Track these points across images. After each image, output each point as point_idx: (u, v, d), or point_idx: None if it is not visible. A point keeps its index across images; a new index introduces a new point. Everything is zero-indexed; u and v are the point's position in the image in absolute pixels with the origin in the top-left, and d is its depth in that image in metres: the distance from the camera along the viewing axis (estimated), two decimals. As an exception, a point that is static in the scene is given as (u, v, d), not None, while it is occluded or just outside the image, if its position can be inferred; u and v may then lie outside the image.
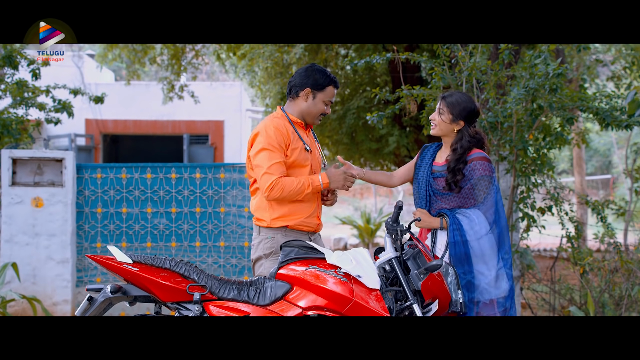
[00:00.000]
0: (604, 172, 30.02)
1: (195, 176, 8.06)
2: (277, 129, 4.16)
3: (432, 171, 4.47)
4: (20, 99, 8.36)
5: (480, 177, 4.35)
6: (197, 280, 3.75)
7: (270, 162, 4.08)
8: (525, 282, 7.42)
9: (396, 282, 3.87)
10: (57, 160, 7.85)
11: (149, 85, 17.85)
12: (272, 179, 4.06)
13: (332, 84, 4.26)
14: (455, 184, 4.35)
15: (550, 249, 13.95)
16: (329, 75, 4.26)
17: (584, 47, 6.29)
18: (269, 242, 4.20)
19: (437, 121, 4.43)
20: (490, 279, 4.30)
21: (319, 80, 4.24)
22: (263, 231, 4.23)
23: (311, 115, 4.29)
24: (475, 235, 4.30)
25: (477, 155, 4.39)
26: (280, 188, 4.06)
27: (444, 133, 4.45)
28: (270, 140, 4.11)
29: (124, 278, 3.73)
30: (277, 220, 4.20)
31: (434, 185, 4.44)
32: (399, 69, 6.81)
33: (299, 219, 4.21)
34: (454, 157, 4.38)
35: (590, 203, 6.76)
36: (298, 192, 4.11)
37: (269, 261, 4.18)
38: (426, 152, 4.60)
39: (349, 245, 17.69)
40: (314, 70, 4.27)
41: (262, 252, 4.21)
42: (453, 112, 4.38)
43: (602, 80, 15.43)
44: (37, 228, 7.74)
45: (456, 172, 4.35)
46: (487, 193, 4.36)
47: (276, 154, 4.10)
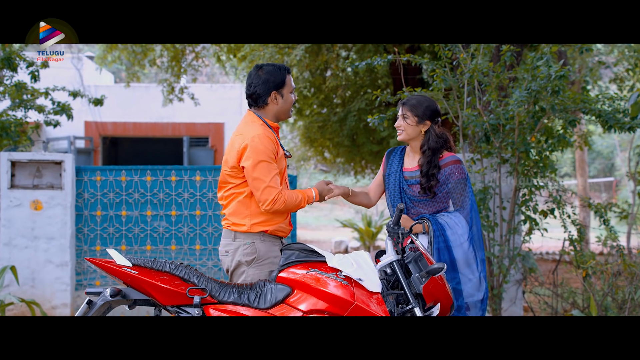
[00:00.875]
0: (606, 174, 30.02)
1: (195, 179, 8.06)
2: (268, 138, 4.14)
3: (404, 177, 4.49)
4: (19, 101, 8.37)
5: (457, 181, 4.40)
6: (197, 284, 3.75)
7: (271, 175, 4.08)
8: (528, 286, 7.42)
9: (397, 286, 3.87)
10: (56, 162, 7.85)
11: (148, 87, 17.88)
12: (275, 192, 4.07)
13: (287, 73, 4.28)
14: (430, 189, 4.37)
15: (552, 252, 13.94)
16: (279, 68, 4.27)
17: (586, 48, 6.28)
18: (248, 247, 4.15)
19: (403, 126, 4.45)
20: (475, 282, 4.36)
21: (277, 78, 4.24)
22: (240, 236, 4.18)
23: (286, 110, 4.33)
24: (459, 240, 4.33)
25: (451, 159, 4.42)
26: (283, 201, 4.09)
27: (411, 137, 4.46)
28: (267, 151, 4.10)
29: (123, 281, 3.73)
30: (257, 225, 4.17)
31: (409, 192, 4.45)
32: (400, 71, 6.81)
33: (278, 224, 4.21)
34: (425, 160, 4.40)
35: (593, 206, 6.76)
36: (296, 205, 4.19)
37: (251, 269, 4.14)
38: (393, 159, 4.61)
39: (350, 248, 17.69)
40: (268, 72, 4.24)
41: (242, 257, 4.15)
42: (417, 113, 4.41)
43: (604, 82, 15.44)
44: (36, 231, 7.74)
45: (430, 177, 4.38)
46: (465, 196, 4.41)
47: (273, 165, 4.11)
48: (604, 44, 12.94)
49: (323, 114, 13.18)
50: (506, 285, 6.75)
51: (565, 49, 9.10)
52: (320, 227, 23.74)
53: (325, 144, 14.46)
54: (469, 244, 4.35)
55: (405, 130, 4.45)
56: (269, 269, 4.10)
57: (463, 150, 6.59)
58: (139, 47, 13.07)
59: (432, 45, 9.79)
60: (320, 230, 23.06)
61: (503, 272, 6.43)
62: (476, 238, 4.43)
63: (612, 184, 26.26)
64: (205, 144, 17.57)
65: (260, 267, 4.13)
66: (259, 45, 10.79)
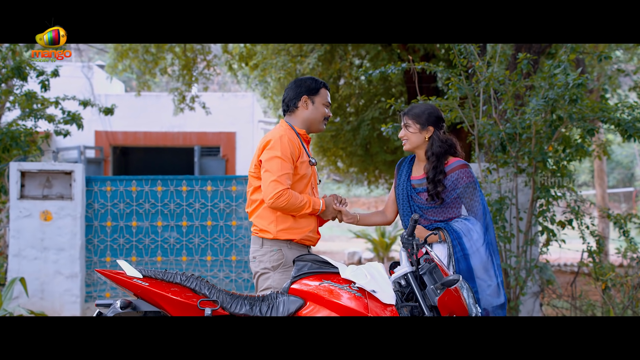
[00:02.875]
0: (626, 184, 29.86)
1: (206, 189, 8.08)
2: (291, 140, 4.25)
3: (412, 186, 4.50)
4: (29, 111, 8.43)
5: (466, 186, 4.39)
6: (209, 296, 3.76)
7: (282, 172, 4.16)
8: (545, 298, 7.38)
9: (412, 298, 3.85)
10: (66, 172, 7.89)
11: (159, 96, 17.95)
12: (281, 188, 4.13)
13: (323, 86, 4.41)
14: (437, 195, 4.37)
15: (570, 263, 13.86)
16: (318, 79, 4.43)
17: (605, 56, 6.26)
18: (275, 254, 4.22)
19: (407, 135, 4.48)
20: (493, 287, 4.34)
21: (311, 85, 4.39)
22: (267, 243, 4.25)
23: (316, 121, 4.41)
24: (475, 246, 4.33)
25: (457, 164, 4.43)
26: (286, 199, 4.13)
27: (415, 145, 4.48)
28: (285, 150, 4.19)
29: (133, 293, 3.73)
30: (283, 232, 4.24)
31: (417, 200, 4.46)
32: (415, 79, 6.82)
33: (304, 232, 4.27)
34: (430, 166, 4.42)
35: (612, 217, 6.72)
36: (299, 208, 4.20)
37: (277, 273, 4.20)
38: (402, 169, 4.63)
39: (364, 260, 17.66)
40: (303, 80, 4.42)
41: (269, 264, 4.22)
42: (419, 121, 4.44)
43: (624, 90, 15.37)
44: (45, 242, 7.78)
45: (436, 182, 4.38)
46: (475, 200, 4.41)
47: (288, 164, 4.18)
48: (624, 52, 12.89)
49: (336, 123, 13.19)
50: (523, 297, 6.72)
51: (583, 57, 9.08)
52: (333, 238, 23.71)
53: (338, 153, 14.46)
54: (485, 249, 4.34)
55: (409, 139, 4.48)
56: None
57: (479, 160, 6.58)
58: (149, 55, 13.14)
59: (447, 53, 9.79)
60: (334, 241, 23.04)
61: (520, 284, 6.40)
62: (492, 242, 4.43)
63: (631, 194, 26.08)
64: (216, 153, 17.61)
65: (287, 273, 4.18)
66: (271, 53, 10.82)
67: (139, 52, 12.96)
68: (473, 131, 6.50)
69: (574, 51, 6.07)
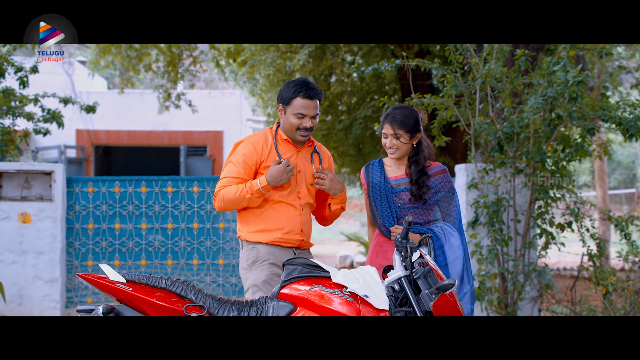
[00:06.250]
0: (627, 185, 29.97)
1: (192, 190, 8.08)
2: (252, 144, 4.29)
3: (391, 186, 4.53)
4: (7, 109, 8.39)
5: (447, 190, 4.49)
6: (195, 301, 3.75)
7: (224, 175, 4.29)
8: (544, 303, 7.40)
9: (406, 303, 3.86)
10: (46, 173, 7.88)
11: (143, 93, 17.92)
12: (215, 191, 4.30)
13: (298, 95, 4.22)
14: (421, 196, 4.43)
15: (570, 267, 13.92)
16: (297, 86, 4.24)
17: (606, 52, 6.29)
18: (250, 252, 4.31)
19: (398, 145, 4.46)
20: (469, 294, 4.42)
21: (284, 94, 4.28)
22: (244, 244, 4.36)
23: (288, 130, 4.33)
24: (455, 254, 4.41)
25: (439, 168, 4.51)
26: (220, 199, 4.26)
27: (405, 154, 4.50)
28: (238, 155, 4.28)
29: (116, 298, 3.73)
30: (253, 234, 4.32)
31: (398, 200, 4.50)
32: (409, 77, 6.83)
33: (275, 236, 4.30)
34: (415, 168, 4.46)
35: (613, 219, 6.75)
36: (239, 199, 4.23)
37: (253, 271, 4.27)
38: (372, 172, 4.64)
39: (356, 263, 17.68)
40: (285, 85, 4.33)
41: (245, 263, 4.32)
42: (409, 129, 4.44)
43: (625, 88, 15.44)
44: (24, 245, 7.76)
45: (421, 184, 4.43)
46: (453, 205, 4.52)
47: (236, 169, 4.26)
48: (625, 48, 12.95)
49: (327, 122, 13.19)
50: (521, 302, 6.74)
51: (583, 53, 9.12)
52: (324, 241, 23.72)
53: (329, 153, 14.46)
54: (463, 255, 4.42)
55: (399, 149, 4.47)
56: (271, 270, 4.18)
57: (475, 160, 6.60)
58: (133, 51, 13.11)
59: (442, 50, 9.82)
60: (325, 244, 23.04)
61: (518, 289, 6.42)
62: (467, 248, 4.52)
63: (633, 195, 26.20)
64: (203, 153, 17.59)
65: (260, 269, 4.23)
66: (260, 49, 10.82)
67: (122, 47, 12.93)
68: (469, 130, 6.52)
69: (573, 47, 6.10)
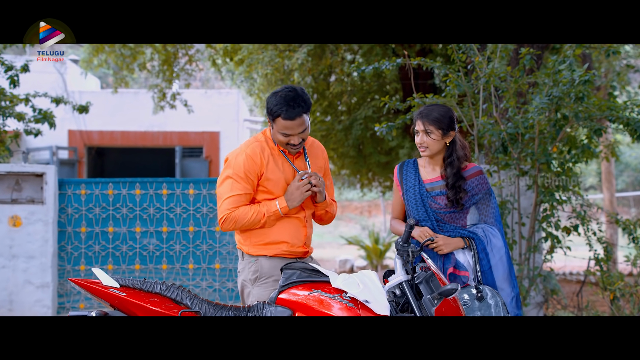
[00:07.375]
0: (635, 188, 29.97)
1: (188, 192, 8.07)
2: (250, 157, 4.15)
3: (426, 190, 4.49)
4: (-3, 109, 8.38)
5: (485, 192, 4.48)
6: (191, 306, 3.75)
7: (231, 194, 4.13)
8: (550, 309, 7.40)
9: (407, 308, 3.86)
10: (37, 175, 7.86)
11: (138, 93, 17.92)
12: (224, 213, 4.13)
13: (279, 116, 4.04)
14: (458, 201, 4.39)
15: (576, 272, 13.91)
16: (279, 105, 4.05)
17: (613, 51, 6.28)
18: (253, 265, 4.22)
19: (427, 143, 4.41)
20: (513, 297, 4.40)
21: (270, 108, 4.11)
22: (246, 256, 4.27)
23: (280, 144, 4.20)
24: (497, 255, 4.39)
25: (475, 170, 4.48)
26: (232, 221, 4.13)
27: (436, 152, 4.45)
28: (237, 169, 4.13)
29: (110, 304, 3.72)
30: (256, 248, 4.24)
31: (434, 204, 4.46)
32: (410, 76, 6.82)
33: (280, 249, 4.23)
34: (451, 171, 4.42)
35: (621, 222, 6.74)
36: (253, 222, 4.14)
37: (255, 288, 4.20)
38: (407, 174, 4.58)
39: (356, 268, 17.68)
40: (271, 95, 4.15)
41: (247, 276, 4.23)
42: (441, 126, 4.38)
43: (633, 87, 15.45)
44: (14, 249, 7.75)
45: (457, 188, 4.39)
46: (492, 207, 4.51)
47: (239, 184, 4.13)
48: (633, 46, 12.96)
49: (327, 122, 13.20)
50: (526, 308, 6.74)
51: (590, 52, 9.12)
52: (323, 245, 23.73)
53: (329, 154, 14.45)
54: (507, 257, 4.42)
55: (429, 147, 4.40)
56: (275, 288, 4.11)
57: (479, 162, 6.60)
58: (127, 49, 13.10)
59: (445, 48, 9.82)
60: (324, 247, 23.05)
61: (523, 294, 6.42)
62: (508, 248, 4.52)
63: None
64: (199, 154, 17.58)
65: (265, 286, 4.17)
66: (258, 48, 10.81)
67: (116, 46, 12.93)
68: (472, 131, 6.52)
69: (580, 46, 6.09)
